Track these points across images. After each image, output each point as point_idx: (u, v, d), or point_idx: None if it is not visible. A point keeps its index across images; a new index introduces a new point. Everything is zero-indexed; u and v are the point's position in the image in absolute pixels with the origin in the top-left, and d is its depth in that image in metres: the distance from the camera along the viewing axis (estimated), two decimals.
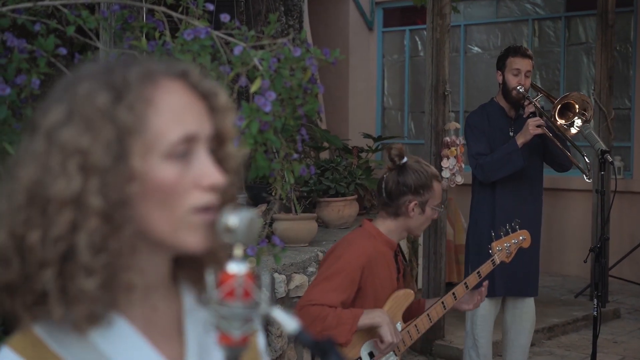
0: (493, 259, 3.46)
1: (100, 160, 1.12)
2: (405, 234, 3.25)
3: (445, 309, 3.25)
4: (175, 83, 1.20)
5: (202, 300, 1.16)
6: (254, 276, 1.16)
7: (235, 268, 1.12)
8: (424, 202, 3.12)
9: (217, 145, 1.26)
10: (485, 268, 3.42)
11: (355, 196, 6.11)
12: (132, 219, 1.15)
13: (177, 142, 1.16)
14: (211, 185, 1.18)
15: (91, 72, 1.19)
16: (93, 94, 1.15)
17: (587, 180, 4.56)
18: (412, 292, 3.22)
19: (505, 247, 3.50)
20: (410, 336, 3.17)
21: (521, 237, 3.55)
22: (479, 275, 3.40)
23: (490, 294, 4.49)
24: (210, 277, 1.13)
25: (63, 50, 2.12)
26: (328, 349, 1.11)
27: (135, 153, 1.13)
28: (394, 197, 3.13)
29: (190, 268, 1.30)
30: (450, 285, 6.09)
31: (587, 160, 4.58)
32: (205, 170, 1.19)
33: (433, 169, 3.22)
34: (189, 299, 1.30)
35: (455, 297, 3.27)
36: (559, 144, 4.43)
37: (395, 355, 3.15)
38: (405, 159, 3.14)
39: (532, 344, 4.89)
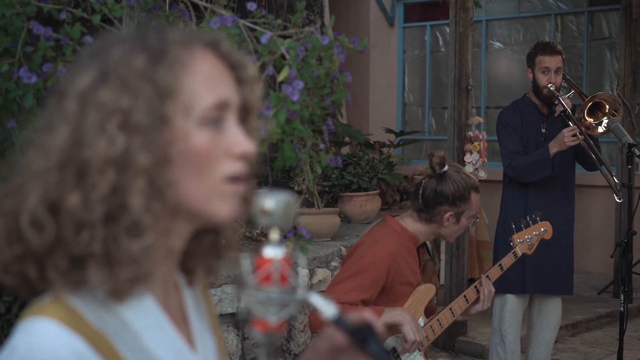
0: (515, 252, 3.40)
1: (142, 119, 1.08)
2: (434, 238, 3.21)
3: (467, 302, 3.21)
4: (207, 51, 1.17)
5: (237, 285, 1.13)
6: (291, 261, 1.13)
7: (272, 252, 1.10)
8: (460, 212, 3.07)
9: (243, 117, 1.24)
10: (507, 261, 3.36)
11: (378, 191, 6.07)
12: (172, 184, 1.11)
13: (211, 108, 1.14)
14: (242, 154, 1.16)
15: (122, 38, 1.17)
16: (128, 56, 1.12)
17: (617, 200, 4.48)
18: (433, 286, 3.18)
19: (527, 239, 3.43)
20: (433, 331, 3.13)
21: (542, 229, 3.48)
22: (500, 269, 3.34)
23: (520, 291, 4.44)
24: (246, 262, 1.11)
25: (89, 39, 2.10)
26: (368, 334, 1.08)
27: (174, 115, 1.11)
28: (430, 205, 3.07)
29: (190, 257, 1.27)
30: (472, 282, 6.03)
31: (616, 180, 4.51)
32: (237, 139, 1.17)
33: (473, 180, 3.15)
34: (184, 285, 1.28)
35: (477, 290, 3.22)
36: (592, 154, 4.37)
37: (419, 350, 3.11)
38: (446, 168, 3.09)
39: (556, 341, 4.83)
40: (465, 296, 3.21)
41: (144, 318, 1.16)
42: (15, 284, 1.11)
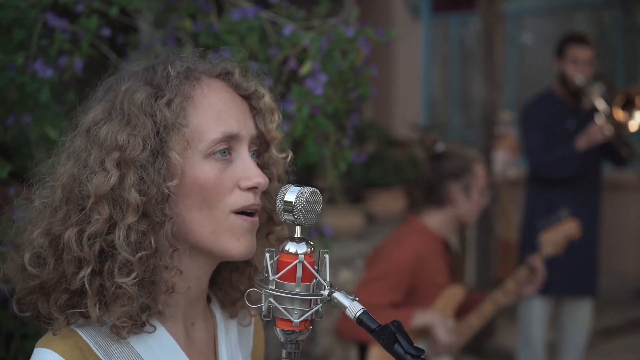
0: (543, 251, 3.30)
1: (137, 155, 1.11)
2: (456, 225, 3.15)
3: (496, 305, 3.13)
4: (217, 82, 1.19)
5: (256, 284, 1.09)
6: (314, 258, 1.09)
7: (295, 248, 1.06)
8: (467, 185, 3.03)
9: (262, 149, 1.24)
10: (535, 260, 3.26)
11: (402, 189, 5.98)
12: (171, 218, 1.12)
13: (218, 141, 1.14)
14: (252, 186, 1.14)
15: (134, 71, 1.19)
16: (133, 90, 1.14)
17: None
18: (462, 288, 3.11)
19: (555, 239, 3.33)
20: (463, 334, 3.05)
21: (570, 228, 3.36)
22: (528, 269, 3.25)
23: (545, 291, 4.34)
24: (268, 258, 1.08)
25: (106, 31, 2.04)
26: (393, 334, 1.00)
27: (174, 148, 1.10)
28: (435, 185, 3.04)
29: (222, 291, 1.29)
30: (499, 282, 5.93)
31: None
32: (247, 172, 1.15)
33: (472, 152, 3.14)
34: (222, 322, 1.28)
35: (506, 292, 3.15)
36: (622, 150, 4.24)
37: (449, 354, 3.03)
38: (441, 146, 3.06)
39: (590, 346, 4.71)
40: (494, 298, 3.14)
41: (158, 351, 1.15)
42: (30, 315, 1.16)
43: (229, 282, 1.28)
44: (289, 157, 1.29)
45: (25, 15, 1.92)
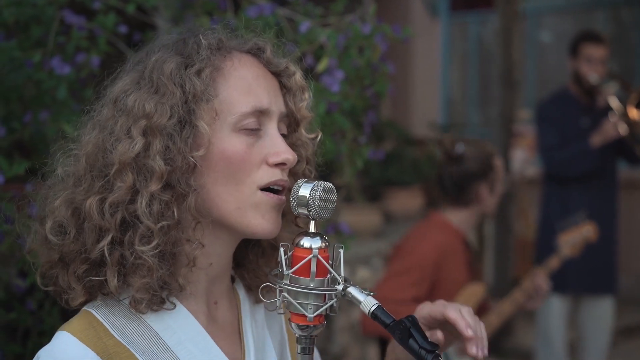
0: (560, 253, 3.28)
1: (164, 122, 1.08)
2: (478, 220, 3.17)
3: (515, 304, 3.11)
4: (248, 57, 1.17)
5: (271, 278, 1.07)
6: (329, 252, 1.08)
7: (310, 243, 1.05)
8: (493, 182, 3.05)
9: (292, 128, 1.21)
10: (553, 262, 3.24)
11: (420, 187, 5.96)
12: (195, 190, 1.09)
13: (247, 114, 1.12)
14: (280, 162, 1.10)
15: (164, 44, 1.17)
16: (163, 60, 1.12)
17: None
18: (481, 286, 3.09)
19: (572, 241, 3.32)
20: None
21: (587, 231, 3.36)
22: (546, 270, 3.23)
23: (562, 289, 4.31)
24: (282, 252, 1.07)
25: (123, 28, 2.04)
26: (408, 329, 0.99)
27: (202, 118, 1.08)
28: (463, 188, 3.03)
29: (250, 274, 1.26)
30: (517, 281, 5.88)
31: None
32: (276, 147, 1.13)
33: (489, 147, 3.16)
34: (246, 302, 1.26)
35: (524, 292, 3.13)
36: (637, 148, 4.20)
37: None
38: (460, 147, 3.05)
39: (610, 345, 4.66)
40: (512, 299, 3.13)
41: (180, 332, 1.13)
42: (52, 290, 1.15)
43: (257, 265, 1.25)
44: (319, 138, 1.26)
45: (43, 12, 1.93)
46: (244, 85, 1.13)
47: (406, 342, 0.99)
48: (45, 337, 1.85)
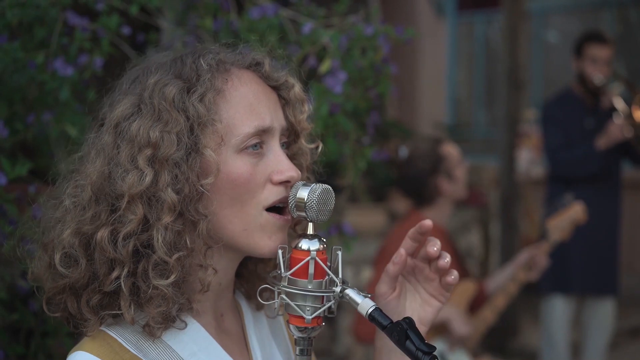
0: (550, 239, 3.24)
1: (171, 152, 1.06)
2: (451, 209, 3.16)
3: (508, 296, 3.10)
4: (247, 73, 1.15)
5: (269, 280, 1.07)
6: (326, 255, 1.08)
7: (308, 245, 1.06)
8: (447, 171, 3.04)
9: (292, 139, 1.21)
10: (543, 248, 3.21)
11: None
12: (206, 217, 1.09)
13: (250, 135, 1.11)
14: (284, 180, 1.11)
15: (161, 63, 1.15)
16: (163, 83, 1.11)
17: None
18: (471, 284, 3.08)
19: (561, 225, 3.28)
20: (477, 328, 3.03)
21: (575, 212, 3.30)
22: (536, 257, 3.19)
23: (566, 289, 4.30)
24: (281, 255, 1.07)
25: (126, 30, 2.04)
26: (405, 331, 0.99)
27: (208, 145, 1.07)
28: (420, 188, 3.04)
29: (249, 283, 1.26)
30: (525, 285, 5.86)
31: None
32: (279, 165, 1.13)
33: (432, 137, 3.15)
34: (248, 311, 1.26)
35: (517, 283, 3.12)
36: None
37: (465, 350, 3.00)
38: (403, 150, 3.06)
39: (615, 346, 4.65)
40: (505, 290, 3.11)
41: (192, 344, 1.13)
42: (60, 316, 1.15)
43: (255, 274, 1.26)
44: (319, 148, 1.26)
45: (46, 13, 1.93)
46: (245, 105, 1.12)
47: (403, 343, 0.99)
48: (48, 337, 1.85)
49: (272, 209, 1.13)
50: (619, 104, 4.12)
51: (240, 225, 1.11)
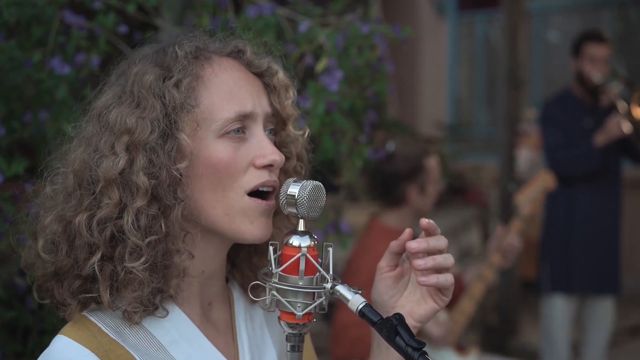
0: (521, 214, 3.17)
1: (146, 137, 1.08)
2: (415, 218, 3.11)
3: (485, 283, 3.05)
4: (228, 61, 1.16)
5: (260, 277, 1.08)
6: (318, 251, 1.09)
7: (298, 241, 1.06)
8: (422, 184, 2.98)
9: (279, 127, 1.21)
10: (515, 225, 3.14)
11: None
12: (182, 201, 1.10)
13: (231, 120, 1.12)
14: (267, 163, 1.11)
15: (145, 54, 1.18)
16: (143, 72, 1.13)
17: None
18: None
19: (531, 196, 3.20)
20: (457, 321, 3.00)
21: (543, 180, 3.22)
22: (506, 241, 3.12)
23: (568, 288, 4.30)
24: (272, 251, 1.07)
25: (123, 28, 2.05)
26: (395, 327, 0.99)
27: (183, 130, 1.08)
28: (390, 186, 2.99)
29: (241, 273, 1.27)
30: (525, 282, 5.86)
31: None
32: (262, 149, 1.14)
33: (422, 146, 3.08)
34: (240, 300, 1.27)
35: (492, 268, 3.06)
36: None
37: (450, 348, 2.99)
38: (391, 145, 3.00)
39: (615, 345, 4.65)
40: (480, 277, 3.06)
41: (174, 331, 1.14)
42: (49, 302, 1.17)
43: (248, 264, 1.26)
44: (307, 134, 1.26)
45: (43, 12, 1.94)
46: (225, 91, 1.13)
47: (393, 339, 0.99)
48: (45, 335, 1.85)
49: (255, 194, 1.13)
50: (618, 102, 4.13)
51: (222, 210, 1.11)
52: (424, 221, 1.12)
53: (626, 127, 3.99)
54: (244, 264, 1.27)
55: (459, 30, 9.55)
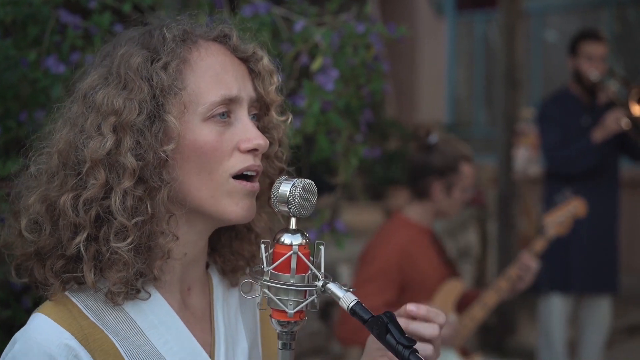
0: (546, 234, 3.18)
1: (133, 118, 1.09)
2: (437, 217, 3.12)
3: (500, 294, 3.06)
4: (214, 45, 1.17)
5: (252, 275, 1.09)
6: (309, 249, 1.09)
7: (290, 240, 1.06)
8: (450, 184, 3.00)
9: (262, 112, 1.22)
10: (539, 244, 3.16)
11: None
12: (168, 183, 1.10)
13: (217, 104, 1.13)
14: (252, 148, 1.12)
15: (131, 36, 1.18)
16: (129, 54, 1.13)
17: None
18: (460, 282, 3.07)
19: (559, 219, 3.23)
20: (466, 326, 3.01)
21: (574, 207, 3.25)
22: (532, 252, 3.15)
23: (566, 288, 4.30)
24: (263, 249, 1.08)
25: (119, 28, 2.05)
26: (386, 325, 1.00)
27: (170, 112, 1.09)
28: (418, 177, 3.02)
29: (222, 258, 1.27)
30: None
31: None
32: (247, 133, 1.15)
33: (463, 149, 3.08)
34: (219, 287, 1.27)
35: (509, 280, 3.07)
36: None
37: (454, 350, 3.00)
38: (433, 138, 3.02)
39: (613, 344, 4.65)
40: (497, 288, 3.08)
41: (153, 317, 1.15)
42: (28, 281, 1.17)
43: (229, 249, 1.27)
44: (289, 120, 1.28)
45: (39, 11, 1.94)
46: (211, 75, 1.13)
47: (383, 337, 0.99)
48: None
49: (240, 177, 1.14)
50: (616, 99, 4.13)
51: (208, 192, 1.13)
52: (411, 307, 1.14)
53: (624, 123, 3.99)
54: (225, 249, 1.28)
55: (457, 30, 9.55)
